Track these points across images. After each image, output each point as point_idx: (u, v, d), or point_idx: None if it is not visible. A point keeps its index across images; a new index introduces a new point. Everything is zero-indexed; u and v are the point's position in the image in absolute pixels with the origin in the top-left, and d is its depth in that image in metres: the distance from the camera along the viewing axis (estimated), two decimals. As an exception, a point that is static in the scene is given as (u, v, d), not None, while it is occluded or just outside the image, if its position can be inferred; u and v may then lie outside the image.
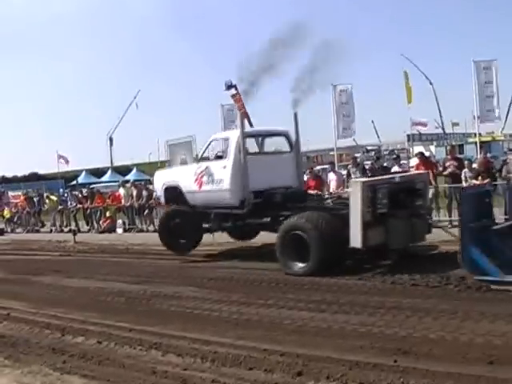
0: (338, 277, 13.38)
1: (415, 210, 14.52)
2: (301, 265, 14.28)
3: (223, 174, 17.06)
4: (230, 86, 18.40)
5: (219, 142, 18.29)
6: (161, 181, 20.05)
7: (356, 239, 13.56)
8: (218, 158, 17.77)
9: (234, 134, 17.42)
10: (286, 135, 18.34)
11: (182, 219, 18.22)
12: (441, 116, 50.67)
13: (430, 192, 18.93)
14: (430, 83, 51.11)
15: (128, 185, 30.70)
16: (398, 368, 7.47)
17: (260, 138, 18.86)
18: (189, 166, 19.38)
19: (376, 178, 16.32)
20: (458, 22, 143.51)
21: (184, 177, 18.44)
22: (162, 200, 20.06)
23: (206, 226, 18.25)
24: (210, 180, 17.35)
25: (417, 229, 14.28)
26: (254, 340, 9.23)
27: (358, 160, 29.36)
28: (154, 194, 22.05)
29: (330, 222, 14.28)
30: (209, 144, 18.22)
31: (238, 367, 8.13)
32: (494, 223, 12.59)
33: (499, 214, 14.69)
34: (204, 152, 18.23)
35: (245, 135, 17.13)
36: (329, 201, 17.86)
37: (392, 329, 9.21)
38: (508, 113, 30.66)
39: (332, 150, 36.47)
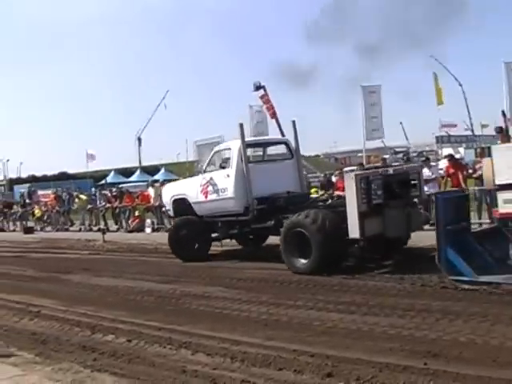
0: (368, 278, 13.42)
1: (410, 200, 15.19)
2: (303, 261, 14.79)
3: (227, 182, 17.66)
4: (258, 87, 18.55)
5: (222, 152, 18.98)
6: (169, 194, 20.70)
7: (354, 230, 14.18)
8: (222, 168, 18.19)
9: (236, 144, 17.89)
10: (285, 143, 19.10)
11: (190, 229, 18.69)
12: (470, 118, 50.37)
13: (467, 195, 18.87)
14: (460, 85, 50.71)
15: (157, 184, 30.80)
16: (428, 371, 7.42)
17: (261, 147, 19.98)
18: (194, 177, 20.18)
19: (370, 170, 17.48)
20: (488, 22, 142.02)
21: (190, 188, 19.09)
22: (171, 213, 20.62)
23: (214, 234, 18.91)
24: (215, 190, 18.00)
25: (413, 218, 14.83)
26: (283, 341, 9.23)
27: (387, 162, 29.27)
28: (164, 208, 22.39)
29: (330, 218, 14.75)
30: (212, 156, 18.91)
31: (268, 368, 8.12)
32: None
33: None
34: (208, 164, 18.80)
35: (246, 144, 17.65)
36: (330, 200, 18.26)
37: (422, 331, 9.17)
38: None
39: (361, 151, 36.37)
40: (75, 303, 13.37)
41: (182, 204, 19.31)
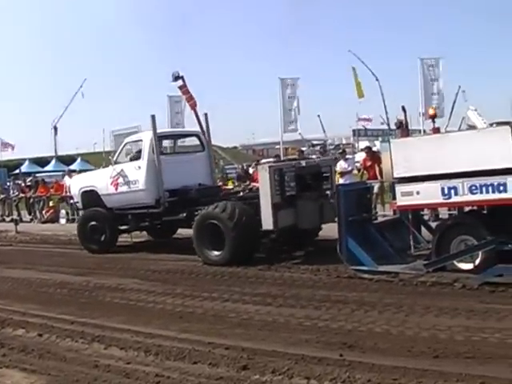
0: (284, 270, 13.44)
1: (322, 192, 15.30)
2: (216, 253, 14.83)
3: (138, 174, 17.55)
4: (177, 78, 18.27)
5: (133, 144, 18.73)
6: (77, 186, 20.36)
7: (268, 221, 14.38)
8: (133, 159, 18.05)
9: (147, 136, 17.81)
10: (197, 136, 19.02)
11: (99, 221, 18.48)
12: (386, 112, 51.12)
13: (376, 187, 19.21)
14: (376, 79, 51.34)
15: (74, 174, 30.16)
16: (344, 362, 7.44)
17: (173, 139, 20.06)
18: (104, 169, 20.01)
19: (283, 162, 17.82)
20: (405, 19, 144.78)
21: (100, 180, 18.86)
22: (80, 205, 20.22)
23: (123, 227, 18.77)
24: (126, 181, 17.84)
25: (325, 210, 14.87)
26: (198, 333, 9.14)
27: (305, 154, 29.47)
28: (72, 200, 21.98)
29: (244, 210, 14.87)
30: (123, 147, 18.69)
31: (182, 361, 8.01)
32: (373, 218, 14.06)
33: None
34: (119, 155, 18.58)
35: (158, 136, 17.58)
36: (242, 193, 18.50)
37: (338, 322, 9.22)
38: (452, 110, 31.03)
39: (278, 143, 36.47)
40: (-16, 297, 12.94)
41: (90, 196, 19.04)
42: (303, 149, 42.72)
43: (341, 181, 19.57)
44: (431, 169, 11.63)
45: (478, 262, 11.37)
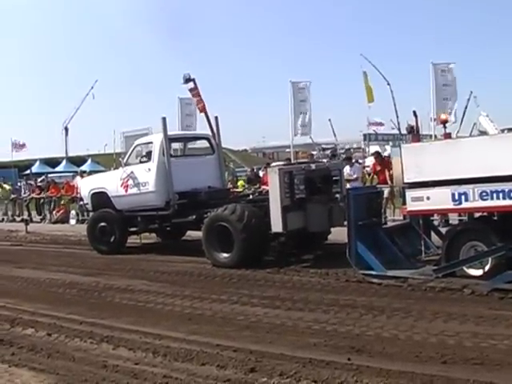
0: (293, 273, 13.45)
1: (332, 196, 15.38)
2: (226, 255, 14.86)
3: (148, 176, 17.62)
4: (187, 80, 18.32)
5: (143, 146, 18.74)
6: (87, 187, 20.35)
7: (277, 224, 14.36)
8: (143, 161, 18.09)
9: (158, 138, 17.88)
10: (208, 138, 19.10)
11: (109, 223, 18.55)
12: (397, 117, 51.05)
13: (386, 191, 19.20)
14: (388, 84, 51.40)
15: (86, 175, 30.27)
16: (352, 366, 7.44)
17: (183, 142, 20.07)
18: (114, 171, 20.01)
19: (292, 165, 17.83)
20: (419, 25, 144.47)
21: (110, 182, 18.93)
22: (90, 207, 20.18)
23: (133, 228, 18.84)
24: (136, 183, 17.92)
25: (334, 213, 14.90)
26: (206, 335, 9.14)
27: (315, 158, 29.43)
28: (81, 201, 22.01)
29: (253, 213, 14.90)
30: (133, 149, 18.75)
31: (190, 362, 8.01)
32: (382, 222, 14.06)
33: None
34: (129, 157, 18.67)
35: (168, 138, 17.63)
36: (252, 195, 18.54)
37: (346, 326, 9.21)
38: (464, 115, 31.01)
39: (289, 147, 36.47)
40: (-6, 296, 12.98)
41: (100, 198, 19.12)
42: (313, 152, 42.72)
43: (348, 186, 19.57)
44: (442, 174, 11.60)
45: (487, 268, 11.32)
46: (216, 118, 18.77)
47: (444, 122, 14.35)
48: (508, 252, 11.03)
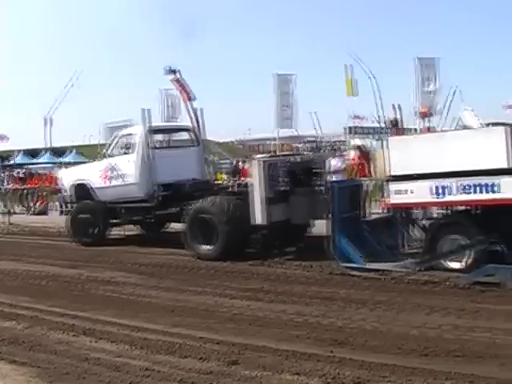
0: (277, 265, 13.51)
1: (315, 188, 15.28)
2: (208, 247, 14.90)
3: (130, 168, 17.57)
4: (170, 71, 18.27)
5: (126, 137, 18.56)
6: (68, 179, 20.23)
7: (260, 216, 14.33)
8: (125, 153, 18.06)
9: (139, 129, 17.81)
10: (190, 130, 19.00)
11: (91, 214, 18.47)
12: (380, 110, 51.05)
13: (371, 184, 19.19)
14: (370, 77, 51.44)
15: (70, 167, 30.07)
16: (334, 359, 7.45)
17: (165, 133, 20.02)
18: (97, 162, 19.69)
19: (276, 157, 17.77)
20: (406, 18, 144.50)
21: (92, 174, 18.81)
22: (73, 198, 20.01)
23: (116, 220, 18.74)
24: (118, 175, 17.84)
25: (317, 206, 14.74)
26: (189, 328, 9.14)
27: (299, 150, 29.46)
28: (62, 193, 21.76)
29: (236, 205, 14.95)
30: (116, 140, 18.61)
31: (173, 355, 7.98)
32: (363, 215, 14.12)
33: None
34: (112, 148, 18.54)
35: (150, 130, 17.60)
36: (233, 187, 18.85)
37: (328, 319, 9.23)
38: (448, 110, 31.14)
39: (274, 139, 36.50)
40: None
41: (82, 189, 19.03)
42: (299, 145, 42.78)
43: (333, 178, 19.55)
44: (426, 167, 11.66)
45: (469, 261, 11.40)
46: (199, 109, 18.72)
47: (424, 116, 14.42)
48: (489, 245, 11.10)
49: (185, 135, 19.62)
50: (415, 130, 23.89)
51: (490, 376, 6.70)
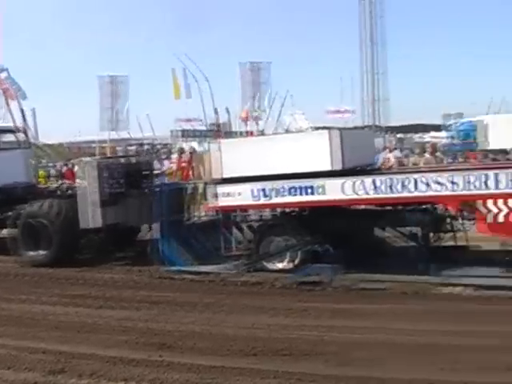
0: (105, 271, 13.34)
1: (143, 191, 15.13)
2: (40, 253, 14.39)
3: None
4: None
5: None
6: None
7: (93, 219, 14.00)
8: None
9: None
10: (13, 131, 18.26)
11: None
12: (215, 113, 51.67)
13: (192, 187, 19.25)
14: (196, 81, 51.93)
15: None
16: (163, 363, 7.45)
17: None
18: None
19: (111, 159, 17.52)
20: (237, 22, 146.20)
21: None
22: None
23: None
24: None
25: (147, 209, 14.60)
26: (14, 338, 8.84)
27: (134, 152, 29.24)
28: None
29: (67, 208, 14.52)
30: None
31: (-4, 368, 7.69)
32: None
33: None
34: None
35: None
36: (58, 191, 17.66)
37: (158, 323, 9.24)
38: (280, 113, 31.95)
39: (104, 141, 36.01)
40: None
41: None
42: (131, 148, 42.36)
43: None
44: (255, 170, 11.82)
45: (296, 262, 11.70)
46: (32, 110, 18.15)
47: (245, 120, 14.69)
48: (313, 246, 11.48)
49: (10, 137, 18.80)
50: (241, 133, 24.25)
51: (316, 373, 6.90)
